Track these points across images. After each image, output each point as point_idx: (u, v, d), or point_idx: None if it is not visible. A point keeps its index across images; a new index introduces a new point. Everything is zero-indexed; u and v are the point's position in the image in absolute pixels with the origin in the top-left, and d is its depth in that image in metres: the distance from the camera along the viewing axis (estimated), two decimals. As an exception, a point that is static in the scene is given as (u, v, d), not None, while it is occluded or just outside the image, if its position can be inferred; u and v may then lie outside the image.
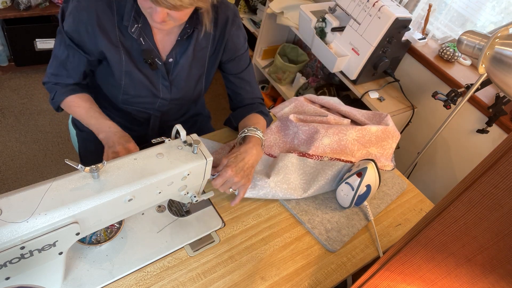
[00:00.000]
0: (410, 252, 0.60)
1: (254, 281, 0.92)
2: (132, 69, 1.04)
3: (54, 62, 1.04)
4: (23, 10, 2.36)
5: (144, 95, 1.10)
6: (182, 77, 1.10)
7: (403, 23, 1.65)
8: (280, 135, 1.26)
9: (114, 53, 1.00)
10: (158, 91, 1.10)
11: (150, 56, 1.02)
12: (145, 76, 1.06)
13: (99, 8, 0.94)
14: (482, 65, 1.12)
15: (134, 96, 1.11)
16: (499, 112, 1.60)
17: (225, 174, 0.96)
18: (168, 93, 1.11)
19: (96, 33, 0.96)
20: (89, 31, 0.96)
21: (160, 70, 1.06)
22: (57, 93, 1.05)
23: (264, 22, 2.37)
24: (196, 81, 1.14)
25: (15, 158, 2.14)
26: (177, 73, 1.08)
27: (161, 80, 1.08)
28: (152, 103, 1.14)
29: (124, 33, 0.99)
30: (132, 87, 1.08)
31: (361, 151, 1.25)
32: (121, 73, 1.04)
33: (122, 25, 0.97)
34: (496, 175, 0.45)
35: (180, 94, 1.14)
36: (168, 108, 1.18)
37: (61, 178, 0.71)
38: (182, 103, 1.20)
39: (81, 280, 0.83)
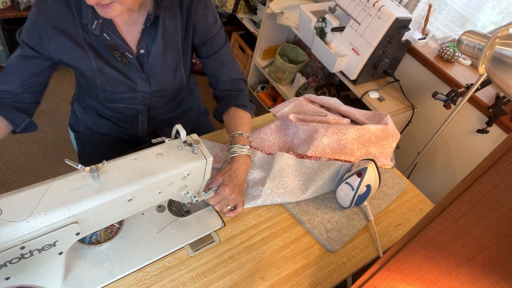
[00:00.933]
0: (410, 252, 0.60)
1: (254, 281, 0.92)
2: (103, 66, 1.01)
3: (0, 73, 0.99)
4: (23, 10, 2.36)
5: (122, 90, 1.08)
6: (157, 67, 1.07)
7: (403, 23, 1.65)
8: (280, 134, 1.26)
9: (81, 54, 0.98)
10: (136, 85, 1.08)
11: (118, 50, 1.00)
12: (119, 71, 1.04)
13: (58, 9, 0.92)
14: (482, 65, 1.12)
15: (113, 93, 1.08)
16: (499, 112, 1.60)
17: (224, 193, 0.98)
18: (146, 85, 1.09)
19: (57, 36, 0.93)
20: (49, 34, 0.93)
21: (133, 63, 1.03)
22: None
23: (264, 22, 2.37)
24: (174, 69, 1.11)
25: (15, 158, 2.14)
26: (151, 63, 1.05)
27: (137, 73, 1.06)
28: (134, 98, 1.12)
29: (87, 31, 0.96)
30: (107, 84, 1.05)
31: (361, 150, 1.25)
32: (93, 71, 1.02)
33: (83, 23, 0.95)
34: (496, 175, 0.45)
35: (160, 85, 1.11)
36: (153, 101, 1.16)
37: (61, 178, 0.71)
38: (166, 95, 1.18)
39: (81, 280, 0.83)
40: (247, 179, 1.11)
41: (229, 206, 1.02)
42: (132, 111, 1.19)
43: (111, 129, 1.25)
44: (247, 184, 1.10)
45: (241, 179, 1.04)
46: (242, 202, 1.05)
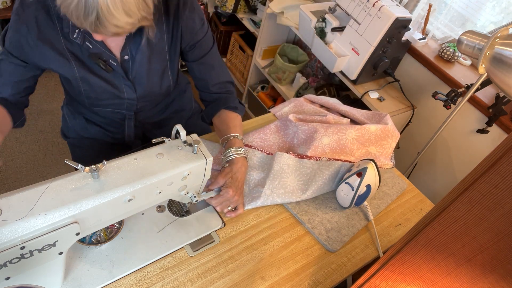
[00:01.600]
0: (410, 252, 0.60)
1: (254, 281, 0.92)
2: (87, 75, 0.99)
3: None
4: (23, 10, 2.36)
5: (107, 97, 1.06)
6: (143, 74, 1.04)
7: (403, 23, 1.65)
8: (279, 135, 1.26)
9: (64, 63, 0.96)
10: (121, 92, 1.06)
11: (101, 58, 0.97)
12: (103, 79, 1.01)
13: (39, 18, 0.88)
14: (482, 65, 1.12)
15: (98, 99, 1.07)
16: (499, 112, 1.60)
17: (227, 195, 0.99)
18: (132, 92, 1.07)
19: (38, 45, 0.91)
20: (30, 44, 0.91)
21: (117, 71, 1.01)
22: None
23: (264, 22, 2.37)
24: (161, 76, 1.09)
25: (15, 158, 2.14)
26: (136, 70, 1.03)
27: (122, 81, 1.03)
28: (120, 104, 1.10)
29: (69, 40, 0.93)
30: (92, 91, 1.03)
31: (361, 150, 1.25)
32: (77, 80, 1.00)
33: (65, 32, 0.92)
34: (496, 175, 0.45)
35: (146, 92, 1.09)
36: (140, 107, 1.14)
37: (61, 178, 0.71)
38: (153, 100, 1.16)
39: (81, 280, 0.83)
40: (247, 180, 1.11)
41: (230, 207, 1.03)
42: (118, 115, 1.17)
43: (98, 133, 1.25)
44: (247, 185, 1.10)
45: (241, 181, 1.04)
46: (243, 204, 1.05)
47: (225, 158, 1.06)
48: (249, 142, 1.20)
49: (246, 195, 1.08)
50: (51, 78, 2.59)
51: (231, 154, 1.05)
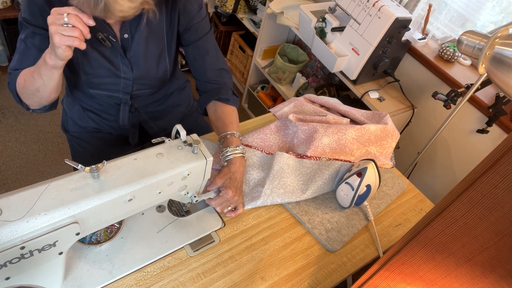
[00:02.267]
0: (410, 252, 0.60)
1: (254, 281, 0.92)
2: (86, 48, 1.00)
3: (16, 56, 1.00)
4: (23, 10, 2.36)
5: (104, 74, 1.07)
6: (140, 54, 1.06)
7: (403, 23, 1.65)
8: (279, 135, 1.25)
9: None
10: (118, 70, 1.07)
11: (102, 32, 0.99)
12: (101, 54, 1.03)
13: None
14: (482, 65, 1.12)
15: (95, 76, 1.07)
16: (499, 112, 1.60)
17: (227, 195, 0.99)
18: (129, 71, 1.08)
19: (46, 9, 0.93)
20: (41, 7, 0.93)
21: (116, 48, 1.03)
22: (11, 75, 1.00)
23: (264, 22, 2.37)
24: (158, 57, 1.10)
25: (15, 158, 2.14)
26: (134, 49, 1.05)
27: (120, 59, 1.05)
28: (116, 84, 1.11)
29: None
30: (89, 65, 1.05)
31: (361, 150, 1.26)
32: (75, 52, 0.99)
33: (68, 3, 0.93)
34: (496, 175, 0.45)
35: (143, 73, 1.10)
36: (136, 89, 1.15)
37: (61, 178, 0.71)
38: (149, 83, 1.16)
39: (81, 280, 0.83)
40: (247, 180, 1.11)
41: (230, 207, 1.03)
42: (115, 100, 1.17)
43: (95, 121, 1.25)
44: (247, 184, 1.10)
45: (240, 181, 1.05)
46: (242, 203, 1.05)
47: (223, 158, 1.06)
48: (249, 142, 1.20)
49: (246, 194, 1.08)
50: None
51: (229, 154, 1.05)
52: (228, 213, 1.02)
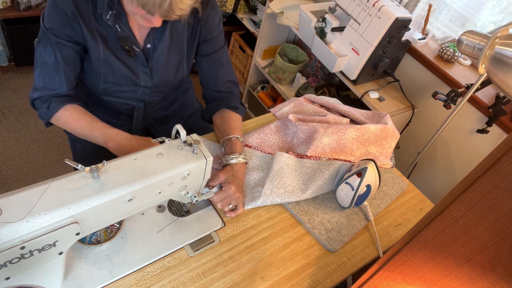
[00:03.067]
0: (410, 252, 0.60)
1: (254, 281, 0.92)
2: (110, 57, 1.03)
3: (42, 71, 0.98)
4: (23, 10, 2.36)
5: (124, 83, 1.09)
6: (161, 63, 1.09)
7: (403, 23, 1.65)
8: (279, 135, 1.26)
9: (92, 41, 0.99)
10: (139, 79, 1.09)
11: (127, 43, 1.01)
12: (124, 64, 1.05)
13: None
14: (482, 65, 1.12)
15: (115, 84, 1.09)
16: (499, 112, 1.60)
17: (229, 190, 1.00)
18: (149, 80, 1.10)
19: (76, 18, 0.95)
20: (70, 17, 0.94)
21: (139, 57, 1.05)
22: (51, 103, 1.00)
23: (264, 22, 2.37)
24: (177, 66, 1.13)
25: (15, 158, 2.14)
26: (156, 59, 1.07)
27: (140, 68, 1.07)
28: (134, 92, 1.12)
29: (99, 21, 0.97)
30: (111, 75, 1.06)
31: (360, 150, 1.26)
32: (99, 61, 1.03)
33: (96, 13, 0.96)
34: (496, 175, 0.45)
35: (162, 81, 1.12)
36: (151, 97, 1.16)
37: (61, 178, 0.71)
38: (165, 91, 1.19)
39: (81, 280, 0.83)
40: (247, 181, 1.11)
41: (231, 205, 1.02)
42: (127, 107, 1.19)
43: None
44: (247, 185, 1.11)
45: (242, 180, 1.05)
46: (243, 203, 1.05)
47: (225, 161, 1.07)
48: (249, 142, 1.20)
49: (246, 195, 1.08)
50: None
51: (232, 159, 1.06)
52: (228, 212, 1.02)
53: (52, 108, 1.00)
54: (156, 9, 0.84)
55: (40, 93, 1.00)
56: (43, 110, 1.01)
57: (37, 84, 0.99)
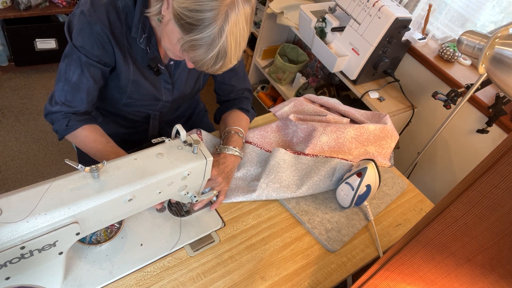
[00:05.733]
0: (410, 252, 0.60)
1: (254, 281, 0.92)
2: (139, 78, 1.04)
3: (65, 86, 0.97)
4: (23, 10, 2.36)
5: (147, 99, 1.11)
6: (183, 78, 1.11)
7: (403, 23, 1.65)
8: (280, 134, 1.26)
9: (124, 63, 1.00)
10: (161, 95, 1.11)
11: (155, 63, 1.02)
12: (150, 82, 1.07)
13: (111, 18, 0.93)
14: (482, 65, 1.12)
15: (138, 100, 1.11)
16: (499, 112, 1.60)
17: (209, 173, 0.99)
18: (170, 95, 1.12)
19: (111, 41, 0.95)
20: (105, 40, 0.94)
21: (164, 74, 1.07)
22: (71, 121, 1.00)
23: (264, 22, 2.37)
24: (195, 80, 1.15)
25: (15, 158, 2.14)
26: (178, 74, 1.09)
27: (163, 84, 1.09)
28: (154, 105, 1.15)
29: (131, 43, 0.98)
30: (137, 93, 1.08)
31: (359, 149, 1.26)
32: (128, 81, 1.04)
33: (130, 36, 0.97)
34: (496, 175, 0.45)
35: (181, 95, 1.15)
36: (169, 108, 1.19)
37: (61, 178, 0.71)
38: (183, 101, 1.22)
39: (81, 280, 0.83)
40: (245, 175, 1.12)
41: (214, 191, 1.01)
42: (143, 114, 1.20)
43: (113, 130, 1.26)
44: (244, 179, 1.11)
45: (228, 167, 1.05)
46: (225, 191, 1.05)
47: (219, 148, 1.08)
48: (249, 139, 1.21)
49: (242, 188, 1.09)
50: (51, 78, 2.59)
51: (224, 149, 1.07)
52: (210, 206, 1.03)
53: (71, 126, 1.00)
54: (206, 68, 0.85)
55: (60, 108, 1.00)
56: (61, 126, 1.01)
57: (57, 98, 0.99)
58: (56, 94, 0.99)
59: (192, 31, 0.79)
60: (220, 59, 0.82)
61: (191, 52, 0.82)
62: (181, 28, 0.81)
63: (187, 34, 0.80)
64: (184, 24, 0.79)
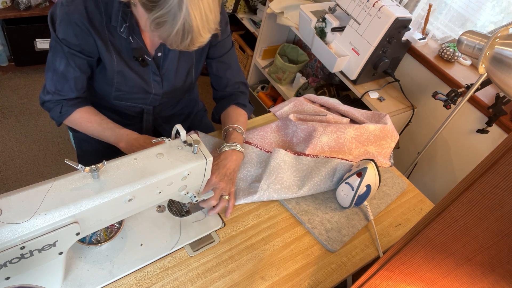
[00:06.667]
0: (410, 252, 0.60)
1: (254, 281, 0.92)
2: (124, 68, 1.04)
3: (54, 76, 1.01)
4: (23, 10, 2.36)
5: (136, 91, 1.11)
6: (172, 71, 1.10)
7: (403, 23, 1.65)
8: (280, 134, 1.26)
9: (107, 53, 1.00)
10: (150, 87, 1.11)
11: (140, 53, 1.02)
12: (137, 73, 1.07)
13: (89, 8, 0.94)
14: (482, 65, 1.12)
15: (127, 92, 1.11)
16: (499, 112, 1.60)
17: (210, 182, 0.99)
18: (160, 88, 1.12)
19: (90, 31, 0.95)
20: (84, 31, 0.95)
21: (151, 66, 1.06)
22: (63, 107, 1.04)
23: (264, 22, 2.37)
24: (186, 73, 1.15)
25: (15, 158, 2.14)
26: (166, 67, 1.09)
27: (151, 76, 1.09)
28: (145, 99, 1.15)
29: (113, 33, 0.99)
30: (124, 84, 1.08)
31: (359, 149, 1.26)
32: (113, 72, 1.04)
33: (110, 26, 0.97)
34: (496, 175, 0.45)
35: (172, 88, 1.15)
36: (161, 102, 1.19)
37: (61, 178, 0.71)
38: (175, 96, 1.21)
39: (81, 280, 0.83)
40: (245, 176, 1.12)
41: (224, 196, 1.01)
42: (137, 109, 1.20)
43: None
44: (245, 181, 1.11)
45: (230, 168, 1.04)
46: (233, 195, 1.04)
47: (219, 150, 1.08)
48: (249, 139, 1.21)
49: (243, 190, 1.09)
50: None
51: (224, 147, 1.07)
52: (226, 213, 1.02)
53: (64, 112, 1.05)
54: (176, 45, 0.85)
55: (51, 97, 1.04)
56: (56, 113, 1.05)
57: (48, 88, 1.03)
58: (46, 83, 1.03)
59: (154, 8, 0.80)
60: (187, 33, 0.82)
61: (158, 31, 0.83)
62: (144, 8, 0.82)
63: (150, 13, 0.81)
64: (145, 3, 0.81)
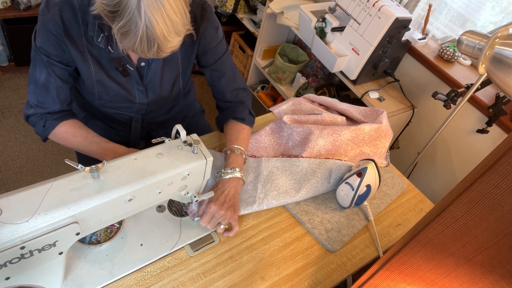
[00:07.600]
0: (410, 252, 0.60)
1: (254, 281, 0.92)
2: (103, 78, 1.01)
3: (35, 89, 0.97)
4: (23, 10, 2.36)
5: (119, 100, 1.08)
6: (156, 81, 1.07)
7: (403, 23, 1.65)
8: (274, 137, 1.24)
9: (83, 63, 0.97)
10: (133, 97, 1.08)
11: (120, 63, 0.99)
12: (118, 84, 1.03)
13: (65, 17, 0.91)
14: (482, 65, 1.12)
15: (109, 101, 1.08)
16: (499, 112, 1.60)
17: (209, 210, 0.95)
18: (144, 97, 1.09)
19: (65, 41, 0.93)
20: (60, 40, 0.93)
21: (133, 76, 1.03)
22: (47, 121, 1.00)
23: (264, 22, 2.37)
24: (172, 83, 1.11)
25: (15, 158, 2.14)
26: (150, 77, 1.05)
27: (135, 86, 1.05)
28: (130, 108, 1.12)
29: (91, 42, 0.95)
30: (105, 94, 1.05)
31: (354, 150, 1.25)
32: (92, 82, 1.01)
33: (88, 35, 0.94)
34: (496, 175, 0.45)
35: (157, 98, 1.11)
36: (148, 111, 1.16)
37: (61, 178, 0.71)
38: (162, 104, 1.18)
39: (81, 280, 0.83)
40: (243, 187, 1.08)
41: (222, 225, 0.98)
42: (125, 117, 1.18)
43: (103, 129, 1.25)
44: (243, 190, 1.07)
45: (229, 194, 1.00)
46: (237, 221, 1.00)
47: (218, 175, 1.03)
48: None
49: (242, 200, 1.06)
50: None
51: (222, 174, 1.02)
52: (225, 232, 0.99)
53: (48, 127, 1.00)
54: (145, 53, 0.82)
55: (34, 111, 1.00)
56: (39, 128, 1.01)
57: (30, 101, 0.99)
58: (28, 97, 0.99)
59: (115, 18, 0.78)
60: (152, 40, 0.78)
61: (125, 42, 0.80)
62: (108, 19, 0.80)
63: (113, 24, 0.79)
64: (107, 14, 0.78)
